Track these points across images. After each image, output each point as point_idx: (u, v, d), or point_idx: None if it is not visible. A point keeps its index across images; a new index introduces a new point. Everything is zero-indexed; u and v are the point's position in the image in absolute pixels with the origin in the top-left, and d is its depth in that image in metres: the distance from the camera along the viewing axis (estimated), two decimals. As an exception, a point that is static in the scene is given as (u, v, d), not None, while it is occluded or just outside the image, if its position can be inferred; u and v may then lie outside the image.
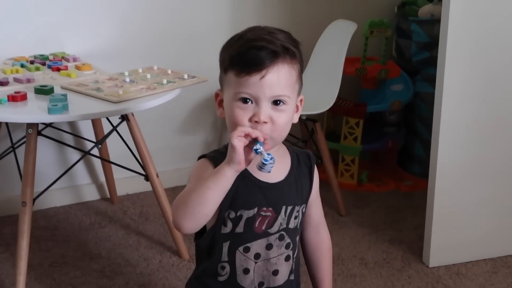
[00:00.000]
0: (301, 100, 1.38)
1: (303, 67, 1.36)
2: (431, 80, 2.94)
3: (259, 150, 1.23)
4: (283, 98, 1.29)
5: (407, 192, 3.05)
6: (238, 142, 1.23)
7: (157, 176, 2.40)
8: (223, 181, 1.25)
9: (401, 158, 3.25)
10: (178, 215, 1.27)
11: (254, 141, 1.24)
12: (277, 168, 1.32)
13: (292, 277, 1.44)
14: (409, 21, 3.01)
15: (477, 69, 2.27)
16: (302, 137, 2.97)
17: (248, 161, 1.26)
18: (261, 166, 1.24)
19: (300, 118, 2.72)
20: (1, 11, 2.58)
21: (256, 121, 1.27)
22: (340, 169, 3.08)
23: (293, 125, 3.02)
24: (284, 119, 1.30)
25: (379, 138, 3.12)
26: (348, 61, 2.80)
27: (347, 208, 2.85)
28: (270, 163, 1.23)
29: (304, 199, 1.43)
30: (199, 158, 1.38)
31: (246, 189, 1.34)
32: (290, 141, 2.87)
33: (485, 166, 2.40)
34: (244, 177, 1.31)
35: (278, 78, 1.28)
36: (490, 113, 2.34)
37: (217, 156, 1.34)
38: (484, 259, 2.47)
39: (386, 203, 2.94)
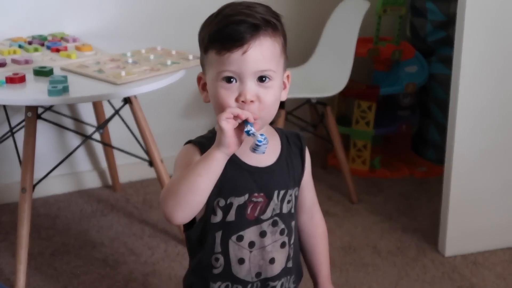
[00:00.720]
0: (287, 76, 1.33)
1: (286, 41, 1.30)
2: (447, 61, 2.86)
3: (251, 131, 1.18)
4: (268, 73, 1.24)
5: (422, 178, 2.96)
6: (227, 124, 1.18)
7: (162, 162, 2.31)
8: (214, 166, 1.20)
9: (415, 143, 3.16)
10: (168, 206, 1.21)
11: (244, 122, 1.19)
12: (266, 151, 1.25)
13: (290, 265, 1.37)
14: (424, -1, 2.91)
15: (495, 49, 2.19)
16: (312, 121, 2.89)
17: (239, 144, 1.20)
18: (255, 148, 1.18)
19: (310, 102, 2.70)
20: (-3, -10, 2.49)
21: (242, 101, 1.22)
22: (351, 155, 2.98)
23: (303, 109, 2.95)
24: (271, 97, 1.25)
25: (392, 122, 3.03)
26: (360, 41, 2.71)
27: (359, 195, 2.76)
28: (264, 144, 1.17)
29: (296, 182, 1.37)
30: (185, 143, 1.32)
31: (235, 174, 1.28)
32: (300, 126, 2.78)
33: (503, 151, 2.32)
34: (232, 162, 1.25)
35: (261, 52, 1.22)
36: (509, 96, 2.26)
37: (204, 141, 1.28)
38: (502, 248, 2.39)
39: (400, 190, 2.85)
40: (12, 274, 2.16)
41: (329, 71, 2.71)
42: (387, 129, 3.00)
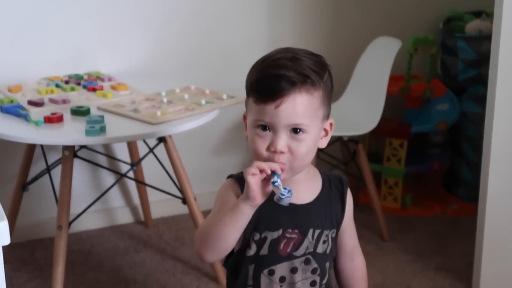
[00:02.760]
0: (331, 124, 1.34)
1: (331, 92, 1.31)
2: (479, 99, 2.85)
3: (276, 183, 1.21)
4: (301, 126, 1.26)
5: (454, 216, 2.93)
6: (252, 179, 1.21)
7: (195, 199, 2.32)
8: (239, 217, 1.24)
9: (447, 181, 3.14)
10: (199, 247, 1.29)
11: (272, 173, 1.22)
12: (305, 189, 1.32)
13: None
14: (455, 37, 2.91)
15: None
16: (343, 159, 2.89)
17: (266, 194, 1.24)
18: (278, 200, 1.22)
19: (341, 139, 2.71)
20: (34, 30, 2.55)
21: (273, 151, 1.25)
22: (383, 192, 2.97)
23: (334, 146, 2.95)
24: (303, 149, 1.26)
25: (424, 159, 3.01)
26: (391, 79, 2.71)
27: (391, 233, 2.74)
28: (288, 197, 1.21)
29: (334, 224, 1.38)
30: (228, 177, 1.36)
31: (271, 209, 1.30)
32: (331, 163, 2.78)
33: (539, 190, 2.28)
34: (270, 198, 1.27)
35: (294, 107, 1.24)
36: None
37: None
38: (538, 291, 2.35)
39: (432, 228, 2.82)
40: (47, 310, 2.18)
41: (361, 109, 2.72)
42: (418, 166, 2.99)
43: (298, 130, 1.25)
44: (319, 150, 2.71)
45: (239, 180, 1.32)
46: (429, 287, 2.38)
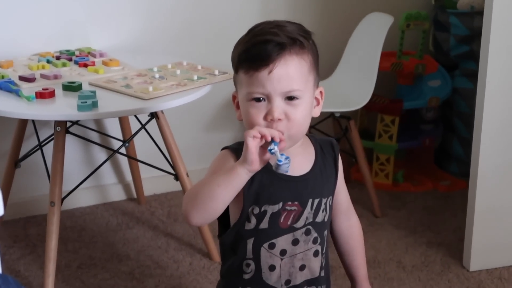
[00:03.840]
0: (321, 92, 1.35)
1: (317, 58, 1.32)
2: (471, 75, 2.86)
3: (273, 150, 1.21)
4: (295, 93, 1.26)
5: (445, 192, 2.95)
6: (252, 142, 1.21)
7: (187, 176, 2.33)
8: (235, 180, 1.23)
9: (438, 157, 3.15)
10: (187, 206, 1.27)
11: (271, 141, 1.22)
12: (301, 160, 1.32)
13: (322, 274, 1.40)
14: (447, 13, 2.90)
15: (521, 63, 2.18)
16: (335, 135, 2.89)
17: (263, 161, 1.23)
18: (276, 167, 1.21)
19: (333, 115, 2.71)
20: (24, 6, 2.53)
21: (271, 119, 1.25)
22: (374, 169, 2.98)
23: (326, 122, 2.96)
24: (300, 115, 1.27)
25: (416, 136, 3.02)
26: (383, 55, 2.71)
27: (383, 209, 2.76)
28: (286, 163, 1.20)
29: (330, 191, 1.39)
30: (222, 149, 1.36)
31: (270, 183, 1.31)
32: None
33: (529, 164, 2.30)
34: (268, 171, 1.27)
35: (287, 71, 1.25)
36: (536, 110, 2.25)
37: (240, 148, 1.30)
38: (528, 263, 2.38)
39: (423, 204, 2.84)
40: (40, 286, 2.18)
41: (352, 85, 2.72)
42: (410, 143, 3.00)
43: (292, 97, 1.26)
44: (311, 127, 2.73)
45: (235, 151, 1.31)
46: (420, 261, 2.40)
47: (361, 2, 3.03)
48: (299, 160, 1.31)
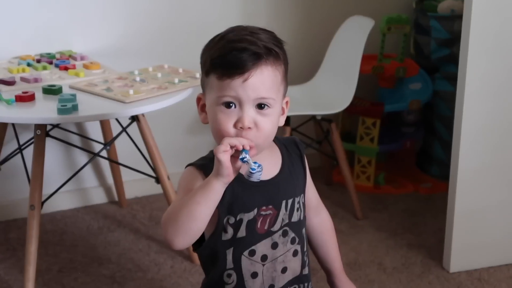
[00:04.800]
0: (286, 102, 1.35)
1: (287, 68, 1.31)
2: (451, 78, 2.88)
3: (245, 159, 1.20)
4: (267, 101, 1.25)
5: (426, 194, 2.96)
6: (224, 156, 1.19)
7: (168, 179, 2.32)
8: (212, 194, 1.22)
9: (420, 159, 3.17)
10: (168, 232, 1.24)
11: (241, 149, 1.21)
12: (269, 163, 1.30)
13: (305, 271, 1.40)
14: (428, 17, 2.93)
15: (500, 67, 2.20)
16: (317, 138, 2.90)
17: (236, 170, 1.22)
18: (249, 175, 1.20)
19: (315, 118, 2.72)
20: (5, 9, 2.52)
21: (241, 127, 1.23)
22: (356, 171, 2.99)
23: (308, 125, 2.96)
24: (269, 124, 1.26)
25: (397, 138, 3.04)
26: (365, 58, 2.72)
27: (364, 211, 2.77)
28: (258, 171, 1.20)
29: (301, 189, 1.39)
30: (187, 166, 1.33)
31: (241, 191, 1.30)
32: (305, 142, 2.79)
33: (508, 168, 2.33)
34: (238, 180, 1.25)
35: (261, 80, 1.24)
36: (514, 113, 2.27)
37: (206, 163, 1.30)
38: (507, 264, 2.39)
39: (404, 206, 2.86)
40: (20, 290, 2.18)
41: (334, 88, 2.73)
42: (391, 145, 3.02)
43: (263, 106, 1.25)
44: (293, 129, 2.73)
45: (201, 167, 1.30)
46: (401, 263, 2.41)
47: (342, 5, 3.05)
48: (267, 164, 1.28)
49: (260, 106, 1.25)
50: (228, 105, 1.25)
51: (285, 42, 1.31)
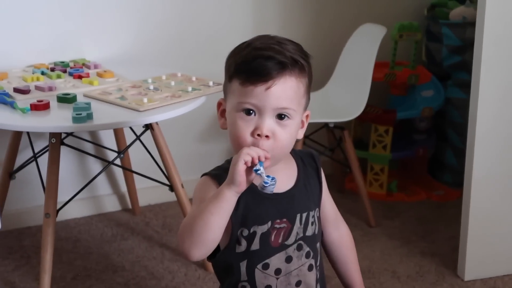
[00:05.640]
0: (307, 116, 1.34)
1: (311, 82, 1.31)
2: (463, 85, 2.87)
3: (259, 171, 1.20)
4: (288, 111, 1.25)
5: (439, 202, 2.96)
6: (242, 166, 1.19)
7: (182, 186, 2.33)
8: (224, 204, 1.21)
9: (432, 167, 3.16)
10: (185, 244, 1.24)
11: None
12: (284, 175, 1.30)
13: (319, 286, 1.39)
14: (439, 24, 2.92)
15: (514, 73, 2.19)
16: (330, 145, 2.90)
17: (249, 181, 1.22)
18: (262, 187, 1.20)
19: (327, 126, 2.72)
20: (19, 18, 2.54)
21: (258, 135, 1.23)
22: (368, 179, 2.99)
23: (321, 133, 2.96)
24: (287, 136, 1.26)
25: (409, 146, 3.03)
26: (377, 66, 2.72)
27: (377, 219, 2.76)
28: (272, 184, 1.20)
29: (316, 203, 1.38)
30: (202, 175, 1.33)
31: (256, 203, 1.29)
32: (318, 150, 2.79)
33: (522, 175, 2.31)
34: (252, 192, 1.26)
35: (284, 90, 1.23)
36: (529, 120, 2.26)
37: (220, 173, 1.29)
38: (522, 273, 2.38)
39: (417, 214, 2.85)
40: (35, 298, 2.19)
41: (346, 96, 2.73)
42: (404, 153, 3.01)
43: (283, 116, 1.25)
44: (305, 137, 2.74)
45: (216, 177, 1.30)
46: (415, 272, 2.40)
47: (354, 13, 3.05)
48: (282, 176, 1.29)
49: (280, 117, 1.25)
50: (248, 112, 1.25)
51: (311, 56, 1.31)
